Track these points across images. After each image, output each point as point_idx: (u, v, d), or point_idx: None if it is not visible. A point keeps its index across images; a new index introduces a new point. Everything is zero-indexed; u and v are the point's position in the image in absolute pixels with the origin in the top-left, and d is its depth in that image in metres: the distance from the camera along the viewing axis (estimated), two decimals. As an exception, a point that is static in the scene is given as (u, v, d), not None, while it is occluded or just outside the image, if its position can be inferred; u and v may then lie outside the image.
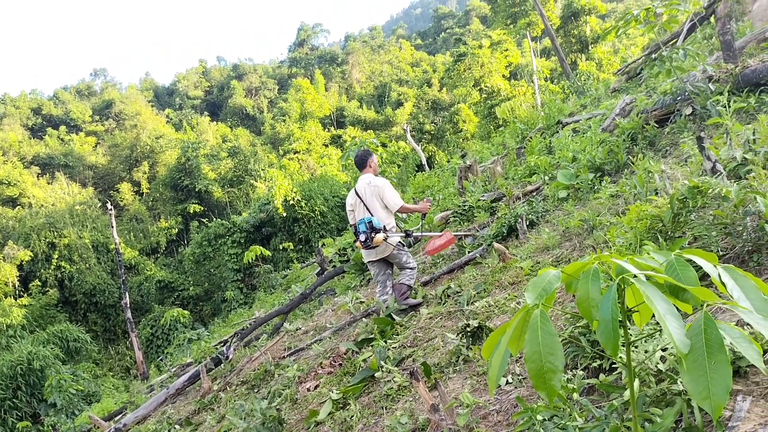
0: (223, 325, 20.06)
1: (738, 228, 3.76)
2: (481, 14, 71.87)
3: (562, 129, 13.08)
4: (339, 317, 8.58)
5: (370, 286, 9.84)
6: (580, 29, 36.33)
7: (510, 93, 35.66)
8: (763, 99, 7.01)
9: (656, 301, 1.51)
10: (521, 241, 7.40)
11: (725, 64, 8.33)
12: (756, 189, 3.73)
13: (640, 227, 4.16)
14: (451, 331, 5.45)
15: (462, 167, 13.24)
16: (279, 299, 15.28)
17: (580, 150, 9.52)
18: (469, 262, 7.66)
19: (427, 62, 71.98)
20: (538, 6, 25.55)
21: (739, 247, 3.80)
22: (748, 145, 5.23)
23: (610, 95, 14.98)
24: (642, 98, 9.63)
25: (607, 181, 7.75)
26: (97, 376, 24.75)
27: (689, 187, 3.94)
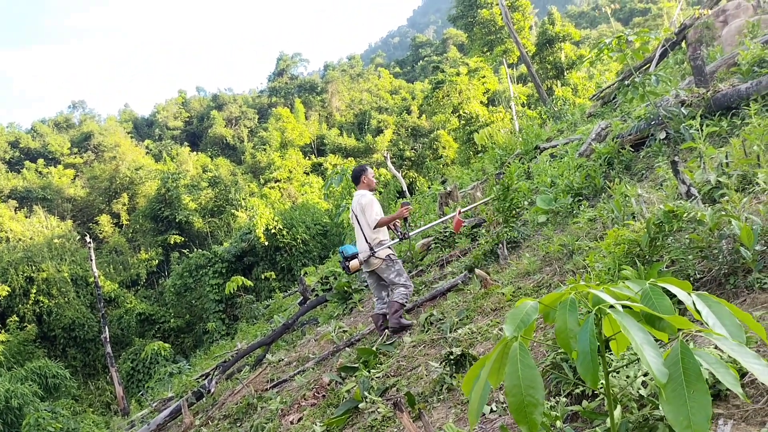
0: (204, 357, 19.78)
1: (714, 251, 3.82)
2: (458, 42, 72.84)
3: (540, 154, 13.23)
4: (322, 347, 8.50)
5: (353, 315, 9.79)
6: (555, 56, 36.92)
7: (488, 119, 36.02)
8: (734, 122, 7.16)
9: (633, 331, 1.52)
10: (502, 266, 7.42)
11: (697, 88, 8.51)
12: (730, 212, 3.79)
13: (618, 252, 4.20)
14: (434, 360, 5.42)
15: (442, 193, 13.31)
16: (261, 330, 15.12)
17: (558, 175, 9.63)
18: (451, 289, 7.65)
19: (406, 90, 72.61)
20: (513, 34, 25.98)
21: (715, 270, 3.84)
22: (721, 168, 5.33)
23: (586, 120, 15.20)
24: (617, 123, 9.80)
25: (585, 205, 7.84)
26: (76, 413, 24.17)
27: (665, 212, 3.99)
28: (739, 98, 7.57)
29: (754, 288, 3.54)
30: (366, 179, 7.26)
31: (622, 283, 1.76)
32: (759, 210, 4.04)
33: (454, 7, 39.05)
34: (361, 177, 7.26)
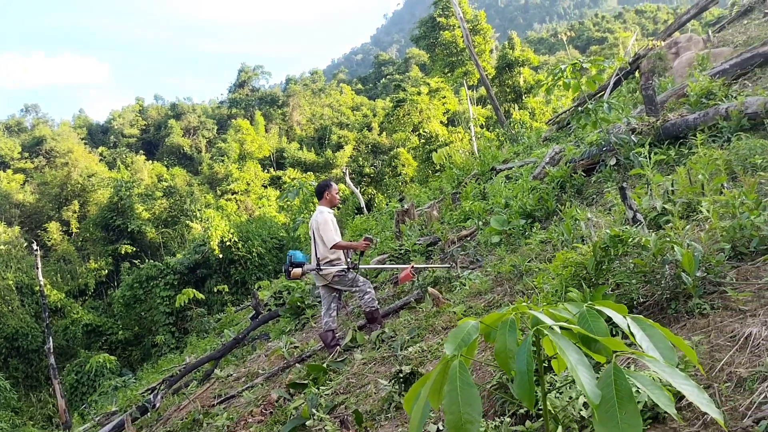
0: (152, 371, 19.31)
1: (657, 276, 3.92)
2: (420, 62, 73.60)
3: (496, 175, 13.41)
4: (272, 363, 8.39)
5: (305, 331, 9.72)
6: (514, 80, 37.62)
7: (448, 139, 36.43)
8: (682, 151, 7.39)
9: (569, 352, 1.55)
10: (455, 285, 7.47)
11: (647, 117, 8.77)
12: (673, 239, 3.90)
13: (565, 274, 4.28)
14: (384, 377, 5.41)
15: (399, 211, 13.36)
16: (211, 344, 14.86)
17: (512, 196, 9.77)
18: (404, 307, 7.68)
19: (367, 106, 72.95)
20: (474, 57, 26.36)
21: (658, 294, 3.95)
22: (667, 195, 5.49)
23: (541, 144, 15.49)
24: (570, 148, 10.01)
25: (538, 227, 7.97)
26: (16, 426, 23.28)
27: (611, 236, 4.09)
28: (687, 128, 7.83)
29: (694, 313, 3.64)
30: (329, 195, 7.24)
31: (562, 305, 1.80)
32: (701, 237, 4.18)
33: (416, 28, 39.49)
34: (325, 192, 7.24)
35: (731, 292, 3.63)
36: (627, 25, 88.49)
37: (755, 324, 3.24)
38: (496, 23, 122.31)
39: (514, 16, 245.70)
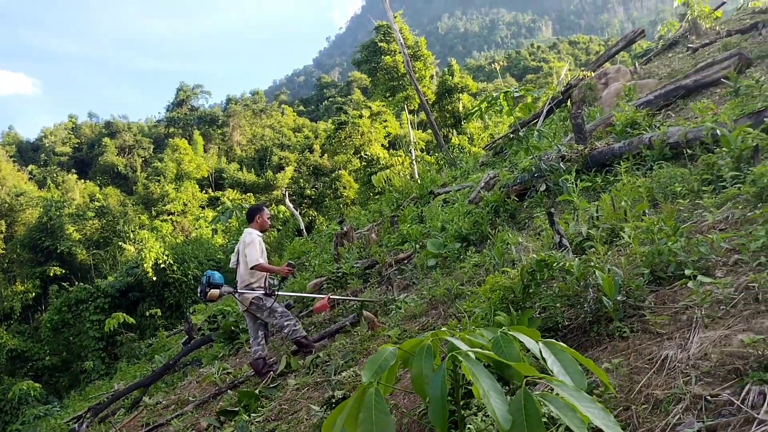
0: (79, 398, 18.51)
1: (580, 300, 4.04)
2: (362, 85, 74.24)
3: (433, 199, 13.59)
4: (204, 389, 8.19)
5: (239, 356, 9.53)
6: (454, 105, 38.33)
7: (388, 162, 36.75)
8: (608, 178, 7.68)
9: (481, 378, 1.58)
10: (391, 308, 7.49)
11: (577, 145, 9.08)
12: (595, 264, 4.03)
13: (494, 298, 4.36)
14: (317, 403, 5.36)
15: (338, 234, 13.35)
16: (141, 370, 14.38)
17: (448, 220, 9.91)
18: (339, 330, 7.64)
19: (309, 128, 72.95)
20: (414, 82, 26.78)
21: (581, 317, 4.06)
22: (592, 221, 5.68)
23: (478, 168, 15.79)
24: (504, 173, 10.26)
25: (472, 250, 8.10)
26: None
27: (537, 261, 4.19)
28: (612, 156, 8.14)
29: (615, 336, 3.76)
30: (260, 219, 7.17)
31: (478, 331, 1.83)
32: (621, 262, 4.34)
33: (358, 52, 39.83)
34: (256, 215, 7.17)
35: (649, 316, 3.77)
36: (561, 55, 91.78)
37: (671, 347, 3.37)
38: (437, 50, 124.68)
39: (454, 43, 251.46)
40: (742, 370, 2.85)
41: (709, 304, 3.56)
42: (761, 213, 4.19)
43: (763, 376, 2.69)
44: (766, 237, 3.84)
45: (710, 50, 14.09)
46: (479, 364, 1.63)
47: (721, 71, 10.33)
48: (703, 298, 3.54)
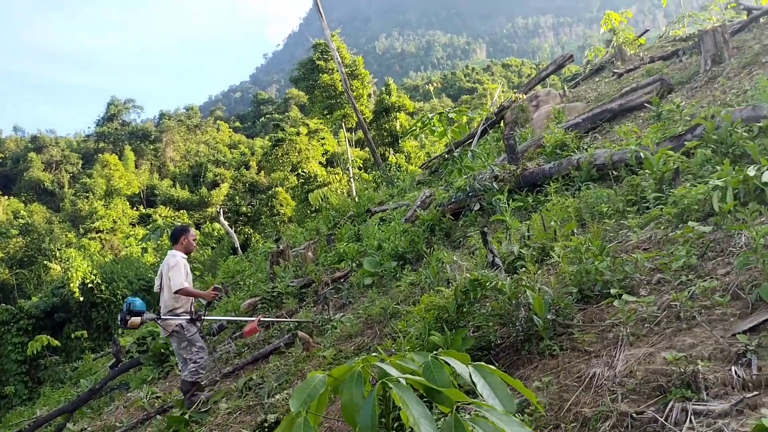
0: (-2, 426, 17.51)
1: (512, 318, 4.10)
2: (299, 103, 73.97)
3: (370, 217, 13.61)
4: (131, 415, 7.89)
5: (169, 379, 9.23)
6: (391, 124, 38.65)
7: (326, 179, 36.68)
8: (539, 198, 7.87)
9: (411, 404, 1.57)
10: (326, 328, 7.42)
11: (509, 165, 9.29)
12: (526, 283, 4.11)
13: (429, 317, 4.38)
14: (248, 427, 5.23)
15: (274, 252, 13.18)
16: (66, 395, 13.73)
17: (385, 238, 9.94)
18: (273, 352, 7.51)
19: (245, 145, 72.09)
20: (352, 100, 26.92)
21: (513, 336, 4.12)
22: (524, 240, 5.80)
23: (415, 187, 15.94)
24: (440, 192, 10.38)
25: (408, 269, 8.13)
26: None
27: (471, 280, 4.24)
28: (543, 177, 8.36)
29: (545, 354, 3.83)
30: (186, 240, 6.85)
31: (409, 356, 1.82)
32: (551, 281, 4.44)
33: (296, 69, 39.70)
34: (182, 237, 6.84)
35: (578, 334, 3.86)
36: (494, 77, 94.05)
37: (599, 364, 3.45)
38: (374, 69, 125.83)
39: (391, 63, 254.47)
40: (665, 387, 2.94)
41: (633, 323, 3.68)
42: (681, 233, 4.37)
43: (685, 393, 2.79)
44: (686, 257, 4.00)
45: (634, 75, 14.71)
46: (409, 391, 1.62)
47: (645, 96, 10.80)
48: (628, 316, 3.65)
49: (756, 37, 11.72)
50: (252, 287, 12.58)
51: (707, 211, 4.74)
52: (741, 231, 4.07)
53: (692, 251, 4.14)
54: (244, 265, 17.37)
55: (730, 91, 8.39)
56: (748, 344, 2.95)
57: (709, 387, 2.80)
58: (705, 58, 11.01)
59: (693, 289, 3.69)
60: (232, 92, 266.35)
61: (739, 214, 4.19)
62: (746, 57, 9.85)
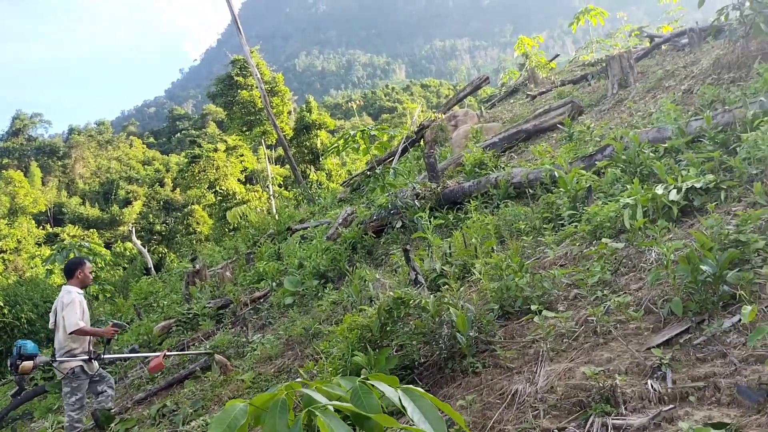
0: None
1: (435, 336, 4.09)
2: (217, 119, 72.57)
3: (291, 235, 13.43)
4: (34, 448, 7.37)
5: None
6: (312, 141, 38.48)
7: (245, 197, 36.05)
8: (459, 216, 7.97)
9: (338, 432, 1.50)
10: (245, 351, 7.21)
11: (430, 183, 9.39)
12: (449, 300, 4.12)
13: (352, 337, 4.31)
14: (163, 457, 4.98)
15: (190, 272, 12.77)
16: (-40, 429, 12.73)
17: (306, 257, 9.81)
18: (189, 376, 7.22)
19: (160, 161, 69.97)
20: (271, 117, 26.62)
21: (437, 354, 4.11)
22: (445, 257, 5.84)
23: (336, 204, 15.88)
24: (362, 210, 10.36)
25: (330, 288, 8.04)
26: None
27: (394, 299, 4.21)
28: (463, 194, 8.49)
29: (468, 372, 3.84)
30: (81, 274, 6.30)
31: (336, 381, 1.76)
32: (473, 298, 4.47)
33: (213, 85, 38.95)
34: (77, 270, 6.22)
35: (500, 351, 3.89)
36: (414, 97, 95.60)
37: (521, 381, 3.48)
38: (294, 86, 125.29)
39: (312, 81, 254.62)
40: (585, 402, 2.99)
41: (553, 338, 3.74)
42: (596, 250, 4.51)
43: (605, 408, 2.84)
44: (601, 273, 4.12)
45: (547, 98, 15.27)
46: (337, 418, 1.55)
47: (557, 117, 11.20)
48: (548, 332, 3.72)
49: (658, 63, 12.41)
50: (166, 309, 12.10)
51: (619, 228, 4.92)
52: (651, 247, 4.24)
53: (606, 267, 4.27)
54: (157, 286, 16.73)
55: (637, 113, 8.82)
56: (663, 358, 3.05)
57: (627, 401, 2.86)
58: (612, 82, 11.56)
59: (608, 305, 3.80)
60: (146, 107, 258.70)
61: (649, 231, 4.37)
62: (650, 82, 10.38)
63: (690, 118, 6.31)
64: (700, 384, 2.78)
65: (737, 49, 7.57)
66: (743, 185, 4.68)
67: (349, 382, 1.72)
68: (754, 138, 4.78)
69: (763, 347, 2.83)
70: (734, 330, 3.08)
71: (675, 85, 8.88)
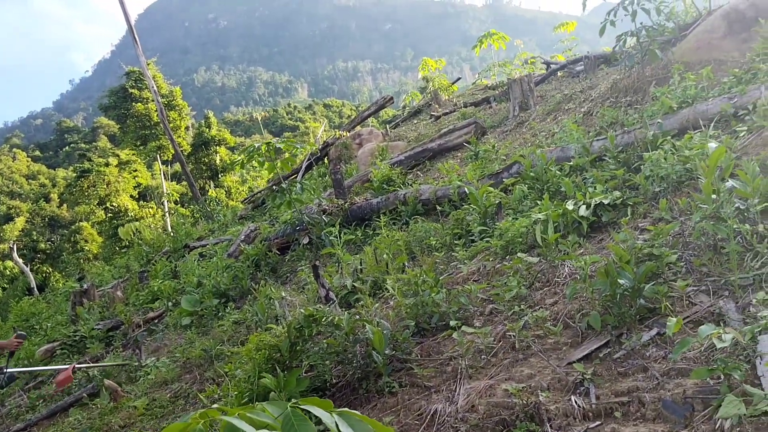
0: None
1: (349, 355, 3.89)
2: (109, 132, 69.26)
3: (189, 253, 12.82)
4: None
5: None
6: (210, 158, 37.43)
7: (138, 214, 34.44)
8: (367, 232, 7.85)
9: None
10: (137, 375, 6.70)
11: (337, 199, 9.22)
12: (363, 317, 3.94)
13: (259, 358, 4.03)
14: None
15: (76, 292, 11.89)
16: None
17: (206, 275, 9.34)
18: (74, 404, 6.60)
19: (45, 175, 65.92)
20: (168, 132, 25.62)
21: (350, 374, 3.91)
22: (356, 274, 5.66)
23: (237, 222, 15.38)
24: (265, 226, 10.03)
25: (232, 307, 7.67)
26: None
27: (305, 316, 3.98)
28: (371, 211, 8.38)
29: (384, 392, 3.66)
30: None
31: (259, 406, 1.53)
32: (389, 315, 4.31)
33: (106, 97, 37.18)
34: None
35: (417, 369, 3.74)
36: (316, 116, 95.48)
37: (440, 400, 3.34)
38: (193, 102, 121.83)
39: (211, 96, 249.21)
40: (509, 420, 2.89)
41: (471, 355, 3.64)
42: (510, 265, 4.48)
43: (529, 426, 2.75)
44: (517, 287, 4.08)
45: (450, 119, 15.53)
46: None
47: (462, 137, 11.38)
48: (466, 348, 3.61)
49: (556, 88, 12.91)
50: (50, 331, 11.17)
51: (530, 243, 4.93)
52: (564, 262, 4.25)
53: (521, 282, 4.24)
54: (40, 307, 15.49)
55: (540, 133, 9.06)
56: (585, 373, 3.00)
57: (551, 418, 2.78)
58: (514, 104, 11.89)
59: (526, 319, 3.74)
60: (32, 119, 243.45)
61: (561, 245, 4.39)
62: (549, 104, 10.75)
63: (593, 138, 6.50)
64: (624, 399, 2.74)
65: (633, 74, 7.94)
66: (648, 202, 4.82)
67: (277, 408, 1.50)
68: (656, 157, 4.95)
69: (684, 360, 2.84)
70: (653, 343, 3.09)
71: (575, 108, 9.21)
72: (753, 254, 3.34)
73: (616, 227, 4.67)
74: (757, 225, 3.43)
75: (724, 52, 7.31)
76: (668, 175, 4.77)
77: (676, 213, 4.37)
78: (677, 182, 4.76)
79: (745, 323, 2.89)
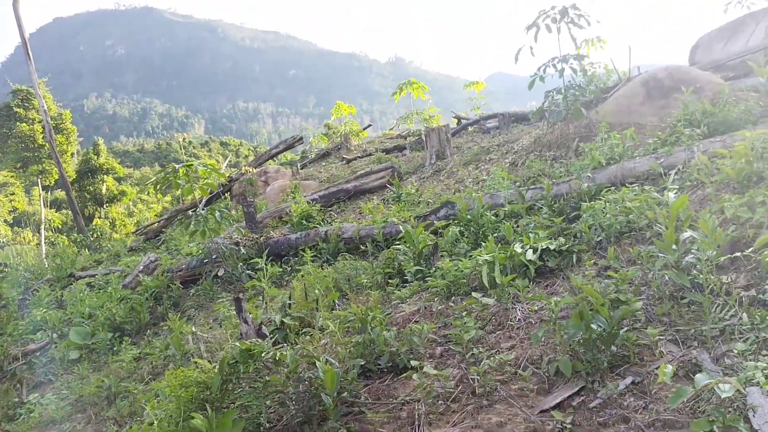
0: None
1: (291, 396, 3.50)
2: (-16, 151, 64.24)
3: (75, 282, 11.77)
4: None
5: None
6: (97, 186, 35.45)
7: (11, 240, 31.78)
8: (285, 268, 7.46)
9: None
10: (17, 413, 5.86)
11: (249, 233, 8.77)
12: (311, 353, 3.57)
13: (185, 396, 3.54)
14: None
15: (-63, 320, 10.52)
16: None
17: (98, 306, 8.51)
18: (-67, 448, 5.66)
19: None
20: (56, 155, 24.00)
21: (289, 416, 3.50)
22: (285, 309, 5.26)
23: (128, 253, 14.45)
24: (166, 258, 9.39)
25: (128, 341, 6.99)
26: None
27: (241, 350, 3.55)
28: (289, 246, 8.02)
29: (332, 439, 3.29)
30: None
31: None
32: (338, 352, 3.94)
33: (-13, 114, 34.48)
34: None
35: (369, 414, 3.40)
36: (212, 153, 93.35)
37: (398, 448, 3.03)
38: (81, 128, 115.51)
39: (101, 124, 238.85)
40: (489, 470, 2.62)
41: (431, 399, 3.35)
42: (464, 305, 4.28)
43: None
44: (475, 330, 3.86)
45: (361, 163, 15.47)
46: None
47: (378, 180, 11.31)
48: (427, 392, 3.33)
49: (470, 141, 13.17)
50: None
51: (474, 285, 4.77)
52: (515, 305, 4.10)
53: (475, 324, 4.03)
54: None
55: (465, 180, 9.09)
56: (564, 422, 2.79)
57: (537, 468, 2.54)
58: (431, 152, 11.97)
59: (486, 363, 3.51)
60: None
61: (511, 288, 4.24)
62: (467, 155, 10.89)
63: (528, 187, 6.53)
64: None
65: (556, 130, 8.16)
66: (590, 250, 4.81)
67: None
68: (599, 207, 4.98)
69: (666, 412, 2.70)
70: (629, 392, 2.94)
71: (498, 159, 9.35)
72: (720, 305, 3.32)
73: (562, 274, 4.60)
74: (720, 276, 3.43)
75: (643, 116, 7.68)
76: (611, 225, 4.79)
77: (622, 262, 4.37)
78: (619, 232, 4.79)
79: (724, 374, 2.81)
